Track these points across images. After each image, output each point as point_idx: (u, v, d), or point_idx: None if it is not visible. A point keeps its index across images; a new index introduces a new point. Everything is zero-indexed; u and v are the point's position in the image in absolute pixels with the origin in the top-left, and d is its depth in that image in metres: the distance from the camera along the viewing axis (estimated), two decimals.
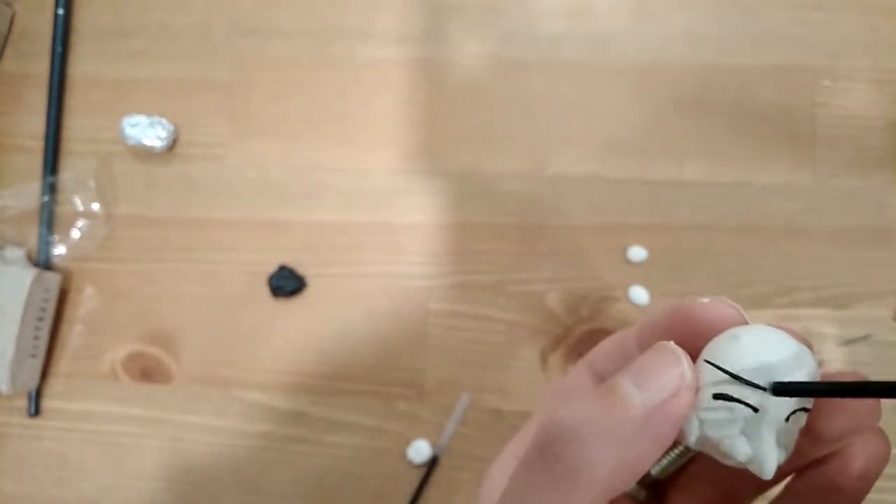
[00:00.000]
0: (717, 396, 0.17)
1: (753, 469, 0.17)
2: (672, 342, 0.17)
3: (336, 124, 0.47)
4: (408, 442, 0.44)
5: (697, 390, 0.17)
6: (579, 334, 0.45)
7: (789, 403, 0.16)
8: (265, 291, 0.46)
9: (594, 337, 0.44)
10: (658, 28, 0.47)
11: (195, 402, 0.46)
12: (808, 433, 0.18)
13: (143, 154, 0.47)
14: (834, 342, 0.44)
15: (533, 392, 0.44)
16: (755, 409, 0.16)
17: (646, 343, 0.19)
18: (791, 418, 0.17)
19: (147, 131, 0.46)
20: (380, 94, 0.47)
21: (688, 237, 0.45)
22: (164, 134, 0.46)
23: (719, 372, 0.17)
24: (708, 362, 0.17)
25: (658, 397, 0.17)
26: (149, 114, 0.46)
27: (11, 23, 0.49)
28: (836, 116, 0.45)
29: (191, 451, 0.45)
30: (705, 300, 0.18)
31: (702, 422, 0.17)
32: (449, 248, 0.46)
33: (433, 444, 0.44)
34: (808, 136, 0.45)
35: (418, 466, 0.44)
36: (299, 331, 0.46)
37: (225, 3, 0.48)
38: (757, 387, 0.16)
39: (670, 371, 0.17)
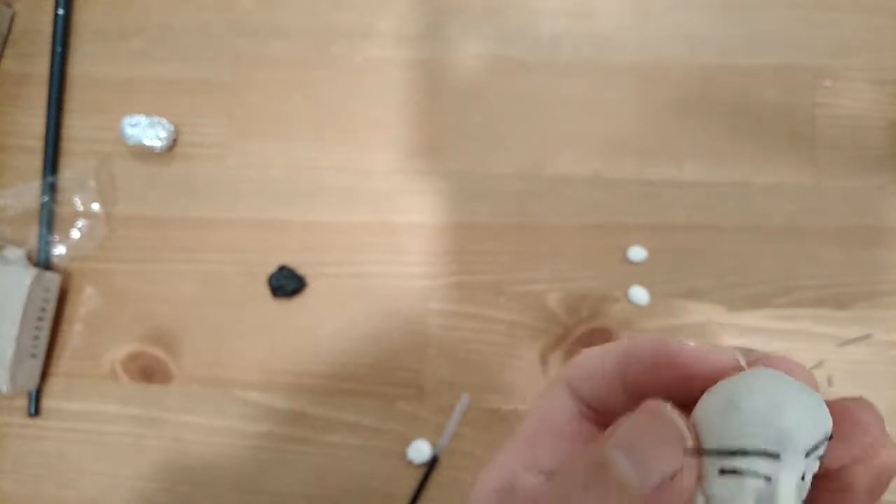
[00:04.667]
0: (724, 472, 0.15)
1: None
2: (668, 406, 0.15)
3: (336, 124, 0.47)
4: (408, 442, 0.44)
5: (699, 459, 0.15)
6: (579, 334, 0.45)
7: (805, 462, 0.15)
8: (265, 291, 0.46)
9: (594, 337, 0.44)
10: (658, 28, 0.47)
11: (195, 402, 0.46)
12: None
13: (143, 154, 0.47)
14: (834, 342, 0.44)
15: (533, 392, 0.44)
16: (768, 479, 0.15)
17: (627, 378, 0.18)
18: (806, 474, 0.15)
19: (147, 131, 0.46)
20: (380, 94, 0.47)
21: (688, 237, 0.45)
22: (164, 134, 0.46)
23: (726, 440, 0.15)
24: (709, 451, 0.15)
25: (657, 479, 0.15)
26: (149, 114, 0.46)
27: (11, 23, 0.49)
28: (836, 116, 0.45)
29: (191, 451, 0.45)
30: (693, 345, 0.16)
31: (709, 498, 0.15)
32: (449, 248, 0.46)
33: (433, 444, 0.44)
34: (808, 136, 0.45)
35: (418, 466, 0.44)
36: (299, 331, 0.46)
37: (225, 3, 0.48)
38: (770, 455, 0.15)
39: (671, 447, 0.15)
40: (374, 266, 0.46)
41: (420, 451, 0.43)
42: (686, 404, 0.16)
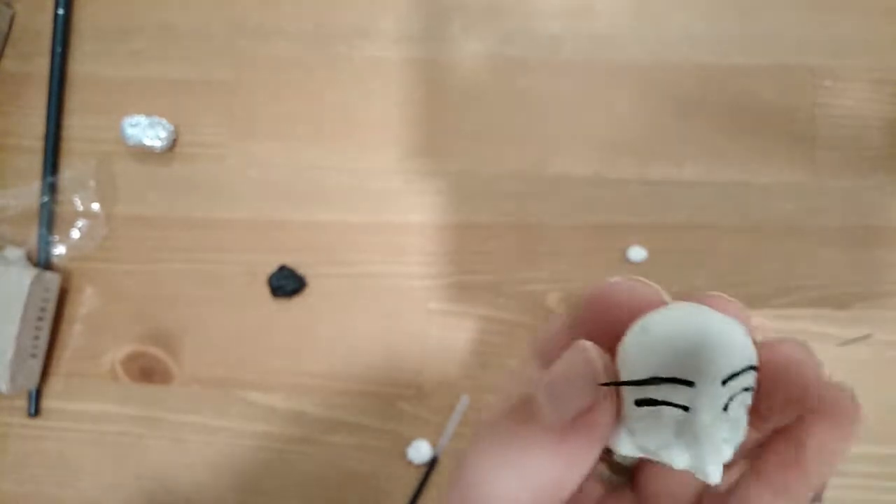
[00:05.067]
0: (639, 403, 0.15)
1: (698, 475, 0.15)
2: (588, 344, 0.15)
3: (336, 124, 0.47)
4: (408, 442, 0.44)
5: (618, 396, 0.15)
6: None
7: (725, 391, 0.14)
8: (265, 291, 0.46)
9: None
10: (658, 28, 0.47)
11: (195, 402, 0.46)
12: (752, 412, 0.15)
13: (143, 154, 0.47)
14: (834, 342, 0.44)
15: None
16: (685, 408, 0.14)
17: (576, 330, 0.17)
18: (730, 406, 0.15)
19: (147, 131, 0.46)
20: (380, 94, 0.47)
21: (688, 237, 0.45)
22: (164, 134, 0.46)
23: (640, 371, 0.15)
24: (617, 382, 0.15)
25: (571, 413, 0.15)
26: (149, 114, 0.46)
27: (11, 23, 0.49)
28: (836, 116, 0.45)
29: (191, 451, 0.45)
30: (615, 279, 0.16)
31: (630, 431, 0.15)
32: (449, 248, 0.46)
33: (433, 444, 0.44)
34: (808, 136, 0.45)
35: (418, 466, 0.44)
36: (299, 331, 0.46)
37: (225, 3, 0.48)
38: (682, 383, 0.14)
39: (583, 383, 0.15)
40: (374, 266, 0.46)
41: (420, 451, 0.43)
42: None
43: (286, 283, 0.45)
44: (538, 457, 0.15)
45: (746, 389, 0.15)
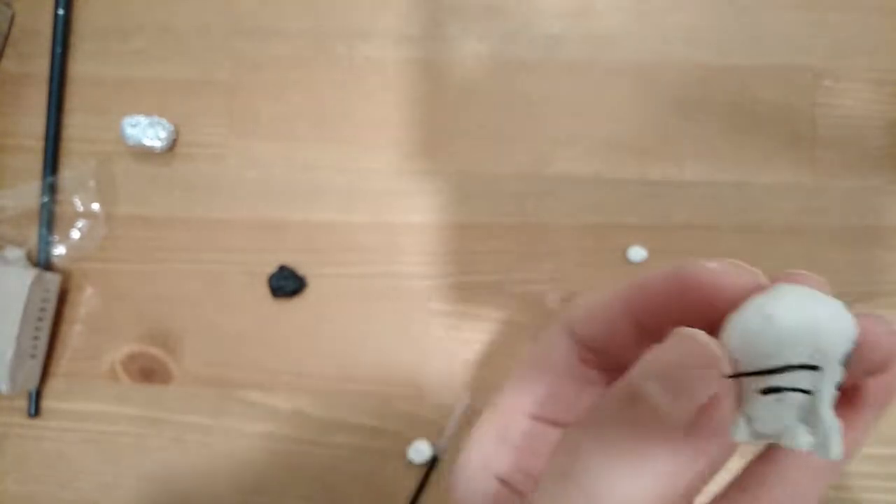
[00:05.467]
0: (766, 391, 0.15)
1: (820, 454, 0.15)
2: (698, 332, 0.15)
3: (336, 124, 0.47)
4: (408, 442, 0.44)
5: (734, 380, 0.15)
6: None
7: (841, 370, 0.15)
8: (265, 291, 0.46)
9: None
10: (658, 28, 0.47)
11: (195, 402, 0.46)
12: None
13: (143, 154, 0.47)
14: None
15: None
16: (807, 392, 0.15)
17: (640, 313, 0.17)
18: (839, 385, 0.15)
19: (147, 131, 0.46)
20: (380, 94, 0.47)
21: (688, 237, 0.45)
22: (164, 134, 0.46)
23: (765, 359, 0.14)
24: (745, 372, 0.15)
25: (695, 405, 0.14)
26: (149, 114, 0.46)
27: (11, 23, 0.49)
28: (836, 116, 0.45)
29: (191, 451, 0.45)
30: (713, 265, 0.15)
31: (750, 419, 0.15)
32: (449, 248, 0.46)
33: (433, 444, 0.44)
34: (808, 136, 0.45)
35: (418, 466, 0.44)
36: (299, 331, 0.46)
37: (225, 4, 0.48)
38: (811, 368, 0.14)
39: (706, 372, 0.14)
40: (374, 266, 0.46)
41: (420, 451, 0.43)
42: (708, 331, 0.15)
43: (286, 283, 0.45)
44: (663, 457, 0.14)
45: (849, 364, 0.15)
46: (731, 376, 0.15)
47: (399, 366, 0.45)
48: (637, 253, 0.45)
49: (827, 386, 0.15)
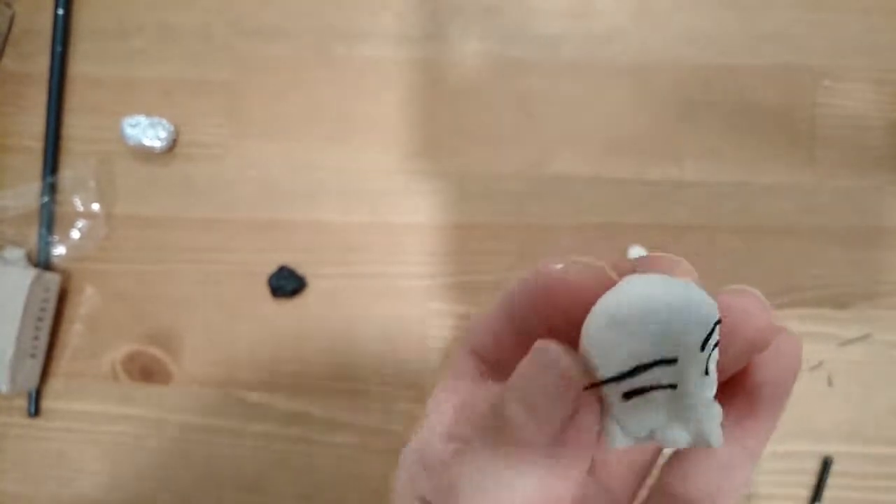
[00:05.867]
0: (627, 395, 0.14)
1: (700, 447, 0.14)
2: (552, 345, 0.14)
3: (336, 124, 0.47)
4: (408, 442, 0.44)
5: (596, 386, 0.14)
6: None
7: (704, 355, 0.14)
8: (265, 291, 0.46)
9: None
10: (658, 28, 0.47)
11: (195, 402, 0.45)
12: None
13: (143, 154, 0.47)
14: (834, 342, 0.44)
15: None
16: (674, 386, 0.14)
17: (516, 322, 0.16)
18: (709, 367, 0.14)
19: (147, 131, 0.46)
20: (380, 95, 0.47)
21: (688, 237, 0.45)
22: (164, 134, 0.46)
23: (618, 362, 0.14)
24: (602, 381, 0.14)
25: (556, 424, 0.14)
26: (149, 114, 0.46)
27: (11, 23, 0.49)
28: (836, 116, 0.45)
29: (191, 451, 0.45)
30: (558, 267, 0.15)
31: (619, 423, 0.14)
32: (449, 248, 0.46)
33: None
34: (808, 136, 0.45)
35: None
36: (299, 331, 0.46)
37: (225, 4, 0.48)
38: (667, 362, 0.14)
39: (562, 388, 0.14)
40: (373, 266, 0.46)
41: None
42: (577, 333, 0.15)
43: (286, 283, 0.45)
44: (529, 478, 0.14)
45: (716, 345, 0.14)
46: (588, 387, 0.14)
47: (399, 366, 0.45)
48: (637, 253, 0.45)
49: (691, 376, 0.14)
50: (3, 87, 0.49)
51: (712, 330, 0.14)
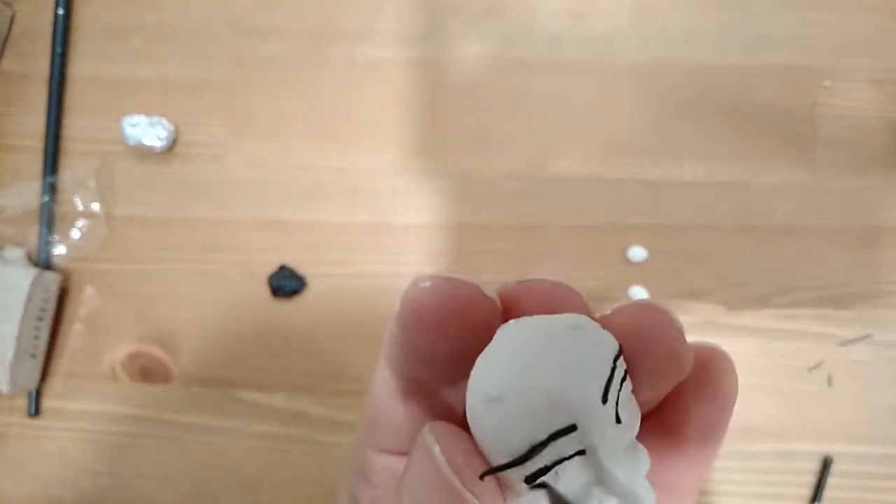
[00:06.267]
0: (530, 481, 0.12)
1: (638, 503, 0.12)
2: (432, 432, 0.13)
3: (336, 124, 0.47)
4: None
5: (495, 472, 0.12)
6: None
7: (609, 404, 0.12)
8: (265, 291, 0.46)
9: None
10: (658, 28, 0.47)
11: (195, 402, 0.46)
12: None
13: (143, 154, 0.47)
14: (834, 342, 0.44)
15: None
16: (582, 452, 0.12)
17: (412, 343, 0.15)
18: (620, 411, 0.12)
19: (147, 131, 0.46)
20: (380, 94, 0.47)
21: (688, 237, 0.45)
22: (164, 134, 0.46)
23: (509, 446, 0.12)
24: (502, 467, 0.12)
25: None
26: (149, 114, 0.46)
27: (11, 23, 0.49)
28: (836, 116, 0.45)
29: (191, 451, 0.45)
30: (425, 284, 0.13)
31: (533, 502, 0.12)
32: (449, 248, 0.46)
33: None
34: (808, 136, 0.45)
35: None
36: (299, 331, 0.46)
37: (225, 3, 0.48)
38: (566, 432, 0.12)
39: (446, 491, 0.12)
40: (374, 266, 0.46)
41: None
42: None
43: (286, 283, 0.45)
44: None
45: (623, 379, 0.12)
46: (483, 475, 0.12)
47: None
48: (637, 253, 0.45)
49: (600, 435, 0.12)
50: (3, 87, 0.49)
51: (613, 370, 0.12)
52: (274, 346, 0.46)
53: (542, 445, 0.12)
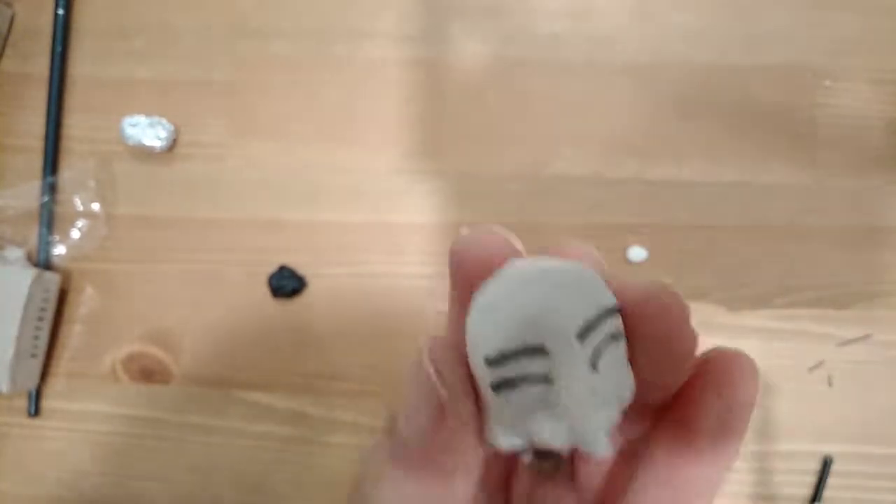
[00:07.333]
0: (495, 387, 0.13)
1: (586, 450, 0.13)
2: (424, 352, 0.14)
3: (336, 124, 0.47)
4: None
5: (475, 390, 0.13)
6: None
7: (585, 346, 0.12)
8: (265, 291, 0.46)
9: None
10: (658, 28, 0.47)
11: (195, 402, 0.45)
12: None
13: (143, 154, 0.47)
14: (834, 342, 0.44)
15: None
16: (547, 378, 0.12)
17: (451, 296, 0.16)
18: (600, 362, 0.12)
19: (147, 131, 0.46)
20: (380, 95, 0.47)
21: (688, 237, 0.45)
22: (164, 134, 0.46)
23: (486, 352, 0.13)
24: (477, 372, 0.13)
25: (422, 432, 0.13)
26: (149, 114, 0.46)
27: (11, 23, 0.49)
28: (836, 116, 0.45)
29: (191, 451, 0.45)
30: (465, 231, 0.15)
31: (498, 420, 0.13)
32: (449, 248, 0.46)
33: None
34: (808, 136, 0.45)
35: None
36: (299, 331, 0.46)
37: (225, 3, 0.48)
38: (534, 351, 0.12)
39: (423, 393, 0.13)
40: (374, 266, 0.46)
41: None
42: None
43: (286, 283, 0.45)
44: (412, 482, 0.14)
45: (614, 337, 0.13)
46: (460, 381, 0.13)
47: (399, 366, 0.45)
48: (637, 253, 0.45)
49: (566, 368, 0.12)
50: (3, 87, 0.49)
51: (597, 319, 0.12)
52: (274, 346, 0.46)
53: (510, 356, 0.12)
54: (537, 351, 0.12)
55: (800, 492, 0.43)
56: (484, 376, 0.13)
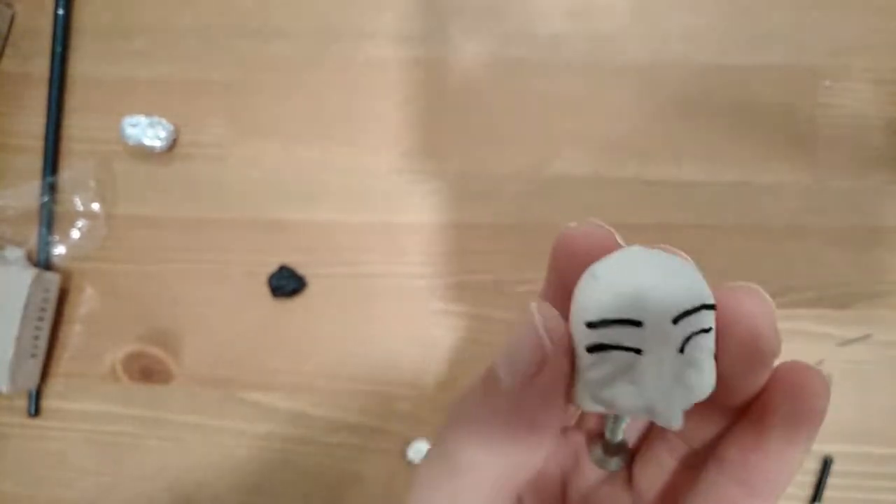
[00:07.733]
0: (590, 349, 0.14)
1: (659, 422, 0.14)
2: (534, 305, 0.15)
3: (337, 124, 0.47)
4: (408, 442, 0.44)
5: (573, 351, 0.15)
6: None
7: (678, 330, 0.14)
8: (265, 291, 0.46)
9: None
10: (658, 28, 0.47)
11: (195, 402, 0.46)
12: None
13: (143, 154, 0.47)
14: (834, 342, 0.44)
15: None
16: (637, 351, 0.14)
17: (549, 283, 0.17)
18: (687, 347, 0.14)
19: (147, 131, 0.46)
20: (380, 95, 0.47)
21: (688, 237, 0.45)
22: (164, 134, 0.46)
23: (590, 318, 0.14)
24: (575, 332, 0.14)
25: (520, 377, 0.15)
26: (149, 114, 0.46)
27: (11, 23, 0.49)
28: (836, 116, 0.45)
29: (191, 451, 0.45)
30: (573, 224, 0.16)
31: (585, 383, 0.15)
32: (449, 248, 0.46)
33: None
34: (808, 136, 0.45)
35: (418, 466, 0.44)
36: (299, 331, 0.46)
37: (226, 3, 0.48)
38: (631, 323, 0.13)
39: (529, 343, 0.15)
40: (374, 266, 0.46)
41: (420, 451, 0.43)
42: None
43: (286, 283, 0.45)
44: (500, 424, 0.15)
45: (705, 331, 0.14)
46: (560, 342, 0.14)
47: (399, 366, 0.45)
48: None
49: (657, 346, 0.14)
50: (3, 87, 0.49)
51: (695, 310, 0.14)
52: (274, 346, 0.46)
53: (610, 322, 0.14)
54: (635, 324, 0.14)
55: (800, 492, 0.43)
56: (581, 339, 0.14)
